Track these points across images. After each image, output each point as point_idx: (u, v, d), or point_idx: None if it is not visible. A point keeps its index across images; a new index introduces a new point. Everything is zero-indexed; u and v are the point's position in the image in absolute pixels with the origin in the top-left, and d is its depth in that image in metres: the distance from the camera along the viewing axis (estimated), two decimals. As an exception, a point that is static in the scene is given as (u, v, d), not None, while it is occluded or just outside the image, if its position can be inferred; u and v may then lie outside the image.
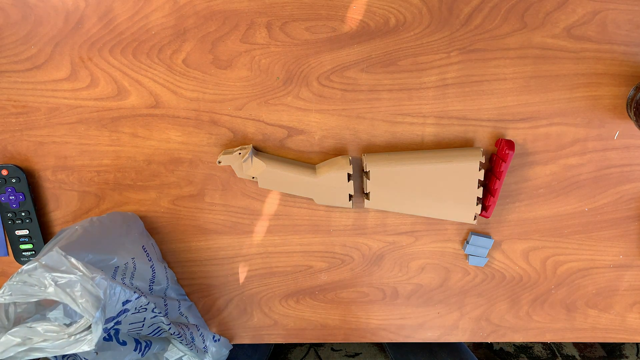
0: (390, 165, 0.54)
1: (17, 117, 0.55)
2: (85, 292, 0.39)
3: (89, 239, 0.48)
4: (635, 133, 0.55)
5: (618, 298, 0.64)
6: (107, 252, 0.48)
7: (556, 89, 0.54)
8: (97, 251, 0.47)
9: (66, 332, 0.39)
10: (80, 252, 0.45)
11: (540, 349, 1.01)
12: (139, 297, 0.46)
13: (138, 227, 0.57)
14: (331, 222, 0.60)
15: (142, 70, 0.53)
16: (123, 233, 0.53)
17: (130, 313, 0.46)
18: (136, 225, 0.57)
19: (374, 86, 0.54)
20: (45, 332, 0.39)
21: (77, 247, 0.45)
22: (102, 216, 0.54)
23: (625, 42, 0.52)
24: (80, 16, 0.51)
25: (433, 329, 0.66)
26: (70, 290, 0.39)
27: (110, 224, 0.53)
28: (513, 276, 0.63)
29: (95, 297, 0.40)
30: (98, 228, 0.51)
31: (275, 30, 0.51)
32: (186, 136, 0.56)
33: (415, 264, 0.62)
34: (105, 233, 0.51)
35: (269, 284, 0.63)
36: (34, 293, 0.39)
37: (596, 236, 0.60)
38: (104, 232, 0.51)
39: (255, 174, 0.55)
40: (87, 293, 0.39)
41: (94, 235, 0.49)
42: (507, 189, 0.58)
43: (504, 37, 0.51)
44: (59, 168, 0.57)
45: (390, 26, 0.51)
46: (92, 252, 0.46)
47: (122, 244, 0.52)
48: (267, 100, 0.54)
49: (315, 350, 0.92)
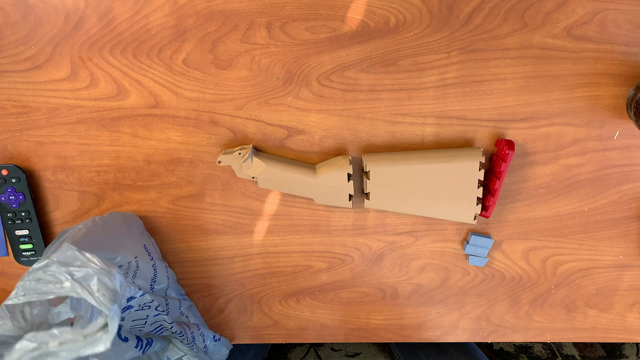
0: (390, 165, 0.54)
1: (17, 117, 0.55)
2: (102, 285, 0.38)
3: (93, 238, 0.48)
4: (635, 133, 0.55)
5: (618, 298, 0.64)
6: (111, 250, 0.48)
7: (556, 89, 0.54)
8: (101, 250, 0.47)
9: (82, 334, 0.38)
10: (86, 250, 0.44)
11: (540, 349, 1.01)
12: (143, 295, 0.45)
13: (138, 227, 0.57)
14: (331, 222, 0.60)
15: (142, 70, 0.53)
16: (124, 232, 0.53)
17: (133, 310, 0.46)
18: (136, 224, 0.57)
19: (374, 86, 0.54)
20: (61, 334, 0.38)
21: (83, 246, 0.45)
22: (103, 216, 0.54)
23: (625, 42, 0.52)
24: (80, 16, 0.51)
25: (433, 329, 0.66)
26: (87, 284, 0.38)
27: (112, 224, 0.53)
28: (513, 276, 0.63)
29: (112, 290, 0.39)
30: (101, 227, 0.51)
31: (275, 30, 0.51)
32: (186, 136, 0.56)
33: (415, 264, 0.62)
34: (107, 232, 0.51)
35: (269, 284, 0.63)
36: (49, 290, 0.38)
37: (596, 236, 0.61)
38: (107, 232, 0.51)
39: (255, 174, 0.55)
40: (104, 287, 0.38)
41: (97, 234, 0.49)
42: (507, 189, 0.58)
43: (504, 37, 0.51)
44: (59, 168, 0.57)
45: (390, 26, 0.51)
46: (97, 250, 0.46)
47: (124, 243, 0.52)
48: (267, 100, 0.54)
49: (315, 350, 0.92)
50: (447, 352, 0.76)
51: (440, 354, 0.77)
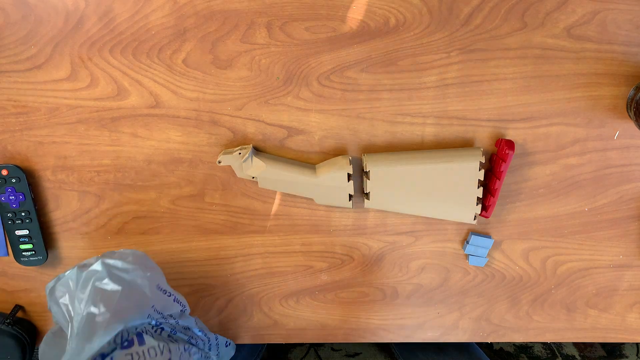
0: (390, 165, 0.54)
1: (17, 117, 0.55)
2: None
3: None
4: (635, 133, 0.56)
5: (618, 298, 0.64)
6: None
7: (556, 89, 0.54)
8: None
9: None
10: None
11: (540, 349, 1.01)
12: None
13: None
14: (331, 222, 0.60)
15: (142, 70, 0.53)
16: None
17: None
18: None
19: (374, 86, 0.54)
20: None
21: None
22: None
23: (625, 42, 0.52)
24: (80, 16, 0.51)
25: (433, 329, 0.66)
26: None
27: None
28: (513, 276, 0.63)
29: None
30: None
31: (275, 30, 0.51)
32: (186, 136, 0.56)
33: (415, 264, 0.62)
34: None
35: (269, 284, 0.63)
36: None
37: (596, 236, 0.61)
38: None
39: (255, 174, 0.55)
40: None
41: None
42: (507, 189, 0.58)
43: (504, 37, 0.51)
44: (59, 168, 0.57)
45: (390, 26, 0.51)
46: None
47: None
48: (267, 100, 0.54)
49: (315, 350, 0.92)
50: (447, 352, 0.76)
51: (440, 354, 0.77)
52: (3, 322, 0.60)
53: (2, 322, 0.60)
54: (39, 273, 0.62)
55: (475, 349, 0.79)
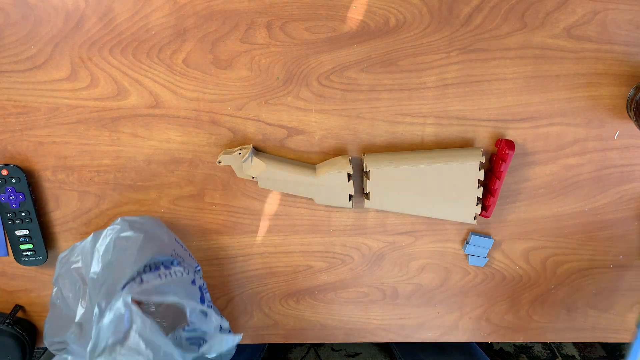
0: (390, 165, 0.54)
1: (17, 117, 0.55)
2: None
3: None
4: (635, 133, 0.55)
5: (618, 298, 0.64)
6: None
7: (556, 89, 0.54)
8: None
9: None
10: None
11: (540, 349, 1.01)
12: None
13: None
14: (331, 222, 0.60)
15: (142, 70, 0.53)
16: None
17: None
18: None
19: (374, 86, 0.54)
20: None
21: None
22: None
23: (625, 42, 0.52)
24: (80, 16, 0.51)
25: (433, 329, 0.66)
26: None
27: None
28: (513, 276, 0.63)
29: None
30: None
31: (275, 30, 0.51)
32: (186, 136, 0.56)
33: (415, 264, 0.62)
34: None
35: (269, 284, 0.63)
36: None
37: (596, 236, 0.60)
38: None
39: (255, 174, 0.55)
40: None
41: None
42: (507, 189, 0.58)
43: (504, 37, 0.51)
44: (59, 168, 0.57)
45: (390, 26, 0.51)
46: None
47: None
48: (267, 100, 0.54)
49: (315, 350, 0.92)
50: (447, 352, 0.76)
51: (440, 353, 0.77)
52: (3, 322, 0.60)
53: (2, 322, 0.60)
54: (39, 273, 0.62)
55: (475, 349, 0.79)
